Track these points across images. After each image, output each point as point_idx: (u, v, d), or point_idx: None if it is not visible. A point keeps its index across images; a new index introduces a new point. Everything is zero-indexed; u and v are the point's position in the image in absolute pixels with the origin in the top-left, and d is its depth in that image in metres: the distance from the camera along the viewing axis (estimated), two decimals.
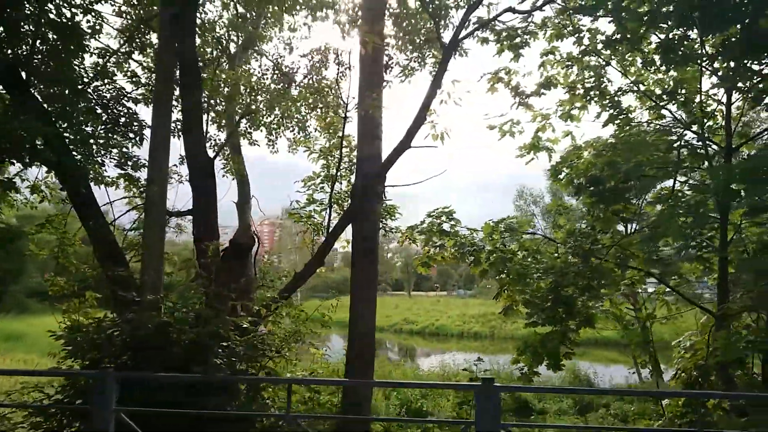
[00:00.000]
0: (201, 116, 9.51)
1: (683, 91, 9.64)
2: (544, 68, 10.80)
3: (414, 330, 50.85)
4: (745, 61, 7.95)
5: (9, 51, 9.34)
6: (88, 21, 10.28)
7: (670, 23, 8.44)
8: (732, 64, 8.38)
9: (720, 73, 8.80)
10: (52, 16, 9.65)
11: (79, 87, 9.07)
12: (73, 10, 10.15)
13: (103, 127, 9.24)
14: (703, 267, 9.17)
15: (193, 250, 9.33)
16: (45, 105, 9.08)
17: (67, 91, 9.31)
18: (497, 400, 4.09)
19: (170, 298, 8.45)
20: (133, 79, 10.54)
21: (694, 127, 9.51)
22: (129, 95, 9.64)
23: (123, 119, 9.39)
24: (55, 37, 9.67)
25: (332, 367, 13.66)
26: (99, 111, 9.19)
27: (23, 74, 9.16)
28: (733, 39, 8.06)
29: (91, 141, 9.05)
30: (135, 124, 9.52)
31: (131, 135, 9.40)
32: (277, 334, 8.89)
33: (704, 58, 8.56)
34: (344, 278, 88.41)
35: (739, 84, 8.38)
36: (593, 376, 18.46)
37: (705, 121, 9.26)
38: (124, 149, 9.29)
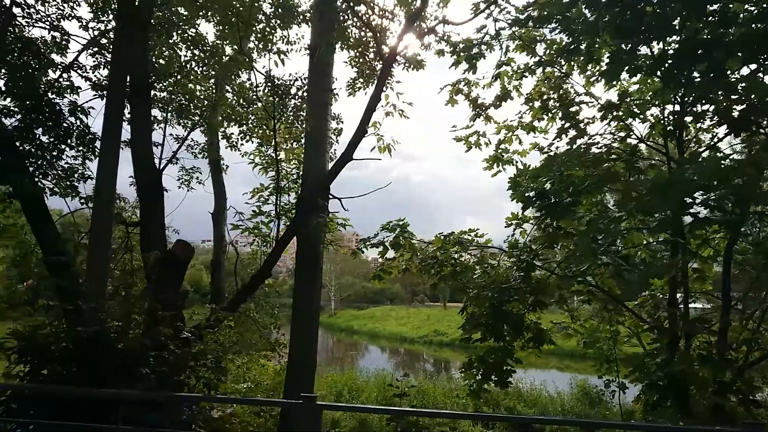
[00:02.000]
0: (149, 130, 9.70)
1: (634, 102, 9.43)
2: (500, 79, 10.68)
3: (444, 342, 50.48)
4: (683, 70, 7.71)
5: None
6: (53, 37, 10.65)
7: (609, 34, 8.26)
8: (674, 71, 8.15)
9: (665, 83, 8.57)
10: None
11: (33, 102, 9.33)
12: (40, 25, 10.57)
13: (53, 139, 9.50)
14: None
15: (139, 260, 9.48)
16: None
17: (26, 104, 9.65)
18: (318, 419, 4.02)
19: (111, 307, 8.61)
20: (98, 92, 10.84)
21: (649, 139, 9.27)
22: (81, 107, 9.88)
23: (75, 132, 9.64)
24: (18, 54, 10.02)
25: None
26: (51, 124, 9.44)
27: None
28: (669, 49, 7.86)
29: (44, 153, 9.33)
30: (88, 136, 9.77)
31: (82, 148, 9.64)
32: (216, 346, 8.97)
33: (646, 69, 8.33)
34: (381, 289, 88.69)
35: (680, 92, 8.14)
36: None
37: (654, 132, 9.02)
38: (68, 162, 9.54)
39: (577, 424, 11.33)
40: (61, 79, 10.20)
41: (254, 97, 15.05)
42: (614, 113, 9.31)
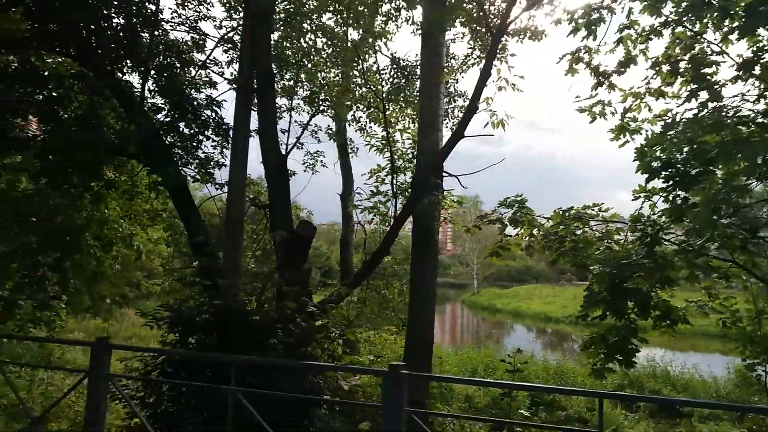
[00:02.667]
0: (275, 118, 10.37)
1: None
2: (623, 44, 10.04)
3: (590, 322, 48.51)
4: None
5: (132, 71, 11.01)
6: (192, 38, 11.70)
7: None
8: None
9: None
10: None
11: (176, 99, 10.36)
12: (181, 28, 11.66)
13: (193, 131, 10.51)
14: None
15: (270, 239, 10.23)
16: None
17: (171, 101, 10.75)
18: (404, 387, 4.20)
19: (246, 284, 9.42)
20: (232, 86, 11.78)
21: None
22: (216, 101, 10.80)
23: (212, 123, 10.59)
24: (163, 56, 11.15)
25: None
26: (191, 117, 10.44)
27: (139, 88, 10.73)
28: None
29: (186, 145, 10.38)
30: (223, 126, 10.69)
31: (217, 138, 10.58)
32: (342, 320, 9.50)
33: None
34: (526, 267, 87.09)
35: None
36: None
37: None
38: (205, 152, 10.51)
39: (721, 407, 10.57)
40: (198, 76, 11.23)
41: (379, 79, 15.54)
42: (752, 72, 8.43)
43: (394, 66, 15.07)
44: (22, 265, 11.55)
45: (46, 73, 9.85)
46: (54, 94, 9.44)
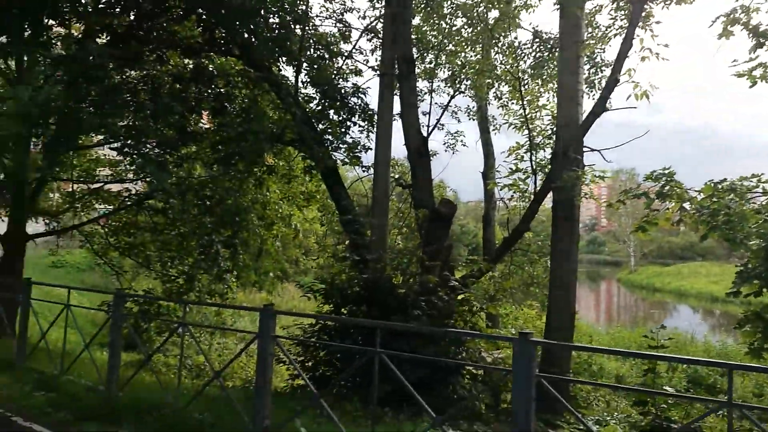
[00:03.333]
0: (415, 101, 10.81)
1: None
2: None
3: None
4: None
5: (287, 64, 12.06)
6: (338, 30, 12.47)
7: None
8: None
9: None
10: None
11: (326, 88, 11.20)
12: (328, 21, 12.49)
13: (341, 118, 11.31)
14: None
15: (414, 217, 10.76)
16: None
17: (321, 90, 11.63)
18: (532, 352, 4.48)
19: (392, 259, 10.07)
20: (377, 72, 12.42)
21: None
22: (361, 88, 11.50)
23: (358, 110, 11.31)
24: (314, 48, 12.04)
25: None
26: (339, 105, 11.24)
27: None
28: None
29: (335, 130, 11.23)
30: (368, 112, 11.37)
31: (364, 122, 11.30)
32: (483, 294, 9.80)
33: None
34: (690, 243, 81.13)
35: None
36: None
37: None
38: (352, 137, 11.27)
39: None
40: (345, 65, 12.01)
41: (521, 53, 15.46)
42: None
43: (537, 40, 14.90)
44: (200, 243, 13.21)
45: (215, 73, 11.12)
46: (221, 91, 10.64)
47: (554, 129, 10.36)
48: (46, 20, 9.67)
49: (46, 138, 9.32)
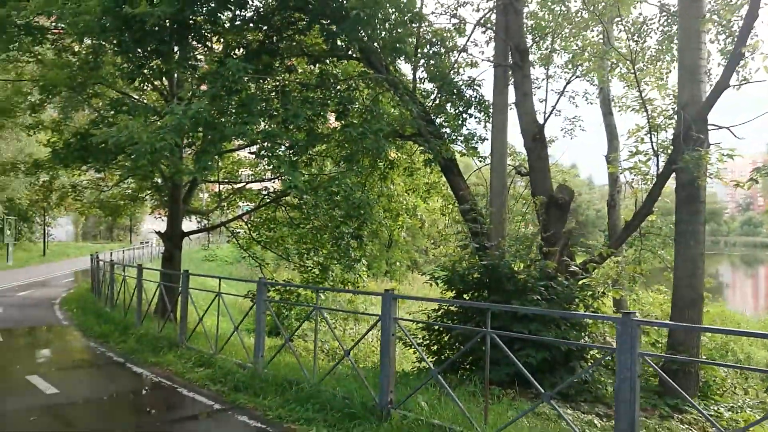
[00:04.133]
0: (530, 89, 10.87)
1: None
2: None
3: None
4: None
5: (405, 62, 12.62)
6: (453, 24, 12.78)
7: None
8: None
9: None
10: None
11: (443, 82, 11.60)
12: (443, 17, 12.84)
13: (458, 110, 11.65)
14: None
15: (531, 204, 10.87)
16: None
17: (438, 85, 12.04)
18: (635, 331, 4.65)
19: (510, 245, 10.30)
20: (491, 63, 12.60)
21: None
22: (476, 81, 11.74)
23: (474, 102, 11.58)
24: (431, 44, 12.46)
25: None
26: (455, 98, 11.59)
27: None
28: None
29: (453, 123, 11.61)
30: (484, 104, 11.61)
31: (480, 114, 11.55)
32: (605, 279, 9.73)
33: None
34: None
35: None
36: None
37: None
38: (468, 129, 11.56)
39: None
40: (461, 59, 12.31)
41: (646, 29, 14.93)
42: None
43: (664, 14, 14.27)
44: (332, 235, 14.23)
45: (339, 77, 11.92)
46: (344, 93, 11.38)
47: (674, 108, 10.01)
48: (191, 41, 10.94)
49: (197, 147, 10.59)
